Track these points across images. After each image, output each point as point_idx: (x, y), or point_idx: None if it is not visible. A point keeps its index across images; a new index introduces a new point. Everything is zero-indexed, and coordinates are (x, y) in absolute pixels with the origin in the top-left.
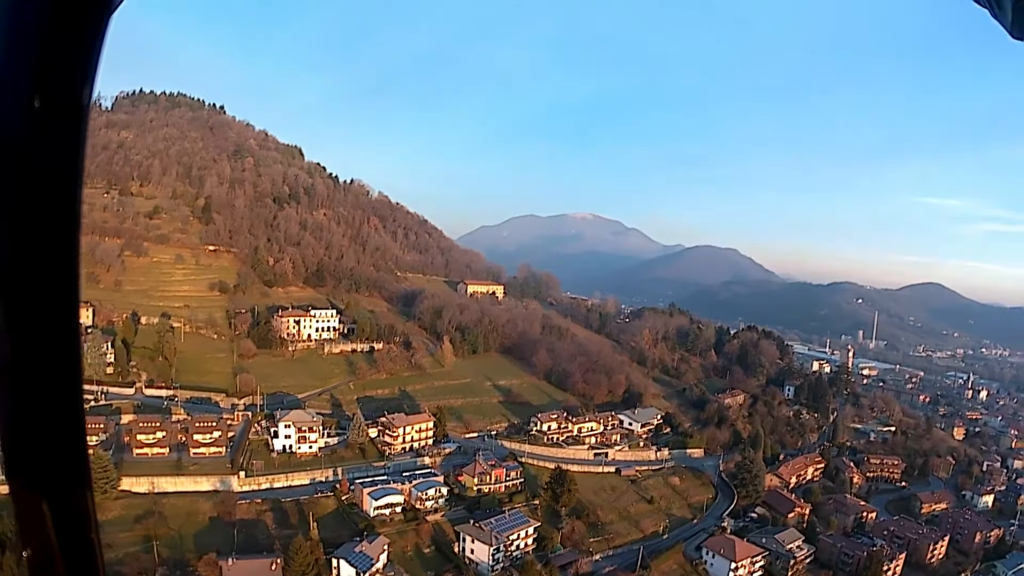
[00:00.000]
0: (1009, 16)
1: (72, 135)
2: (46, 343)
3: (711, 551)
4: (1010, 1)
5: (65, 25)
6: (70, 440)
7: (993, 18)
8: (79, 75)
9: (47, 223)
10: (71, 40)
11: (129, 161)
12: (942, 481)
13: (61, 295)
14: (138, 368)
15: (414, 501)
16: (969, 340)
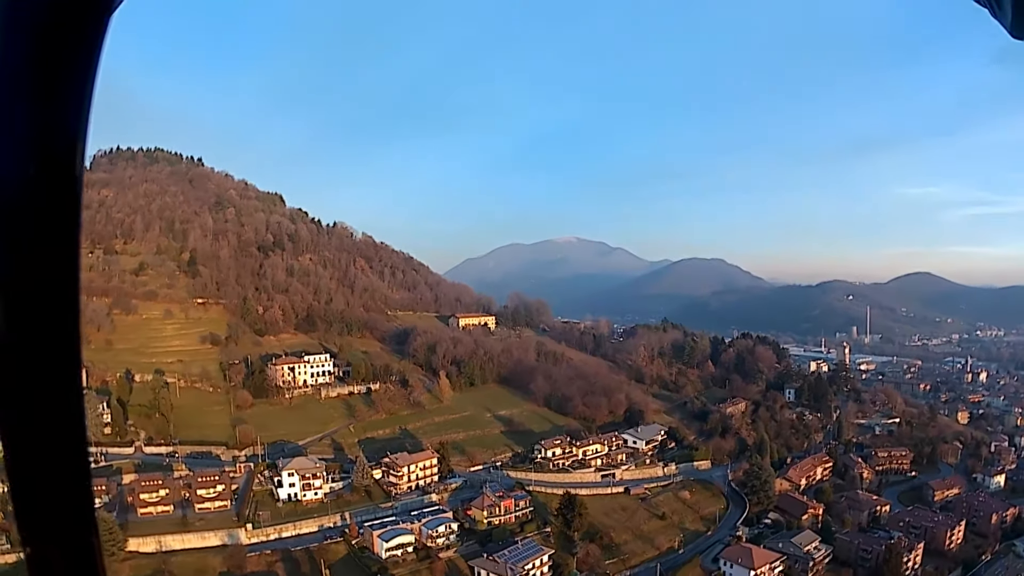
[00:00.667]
0: (1009, 16)
1: (75, 124)
2: (48, 396)
3: (729, 561)
4: (1010, 1)
5: (65, 25)
6: (77, 493)
7: (993, 18)
8: (79, 75)
9: (46, 283)
10: (71, 40)
11: (111, 219)
12: (952, 466)
13: (63, 351)
14: (136, 427)
15: (425, 539)
16: (963, 324)
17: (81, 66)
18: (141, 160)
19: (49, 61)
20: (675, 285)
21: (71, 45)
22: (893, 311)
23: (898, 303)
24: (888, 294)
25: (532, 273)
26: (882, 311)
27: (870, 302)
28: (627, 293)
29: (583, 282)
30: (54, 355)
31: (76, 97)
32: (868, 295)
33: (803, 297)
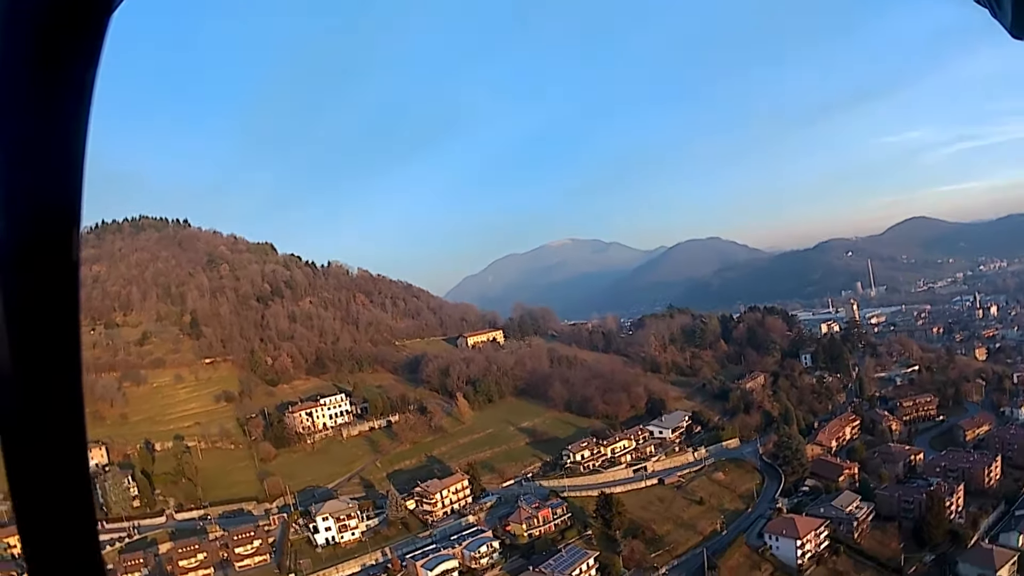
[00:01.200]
0: (1009, 16)
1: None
2: (55, 478)
3: (773, 535)
4: (1010, 1)
5: (65, 25)
6: (77, 492)
7: (993, 18)
8: (79, 76)
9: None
10: (71, 40)
11: (107, 293)
12: (978, 404)
13: (62, 356)
14: (164, 495)
15: (468, 562)
16: (965, 262)
17: (81, 66)
18: (128, 230)
19: (49, 61)
20: (675, 270)
21: (71, 45)
22: (894, 260)
23: (897, 251)
24: (886, 244)
25: (532, 281)
26: (883, 262)
27: (870, 255)
28: (628, 286)
29: (583, 282)
30: (54, 365)
31: (76, 97)
32: (867, 248)
33: (803, 261)
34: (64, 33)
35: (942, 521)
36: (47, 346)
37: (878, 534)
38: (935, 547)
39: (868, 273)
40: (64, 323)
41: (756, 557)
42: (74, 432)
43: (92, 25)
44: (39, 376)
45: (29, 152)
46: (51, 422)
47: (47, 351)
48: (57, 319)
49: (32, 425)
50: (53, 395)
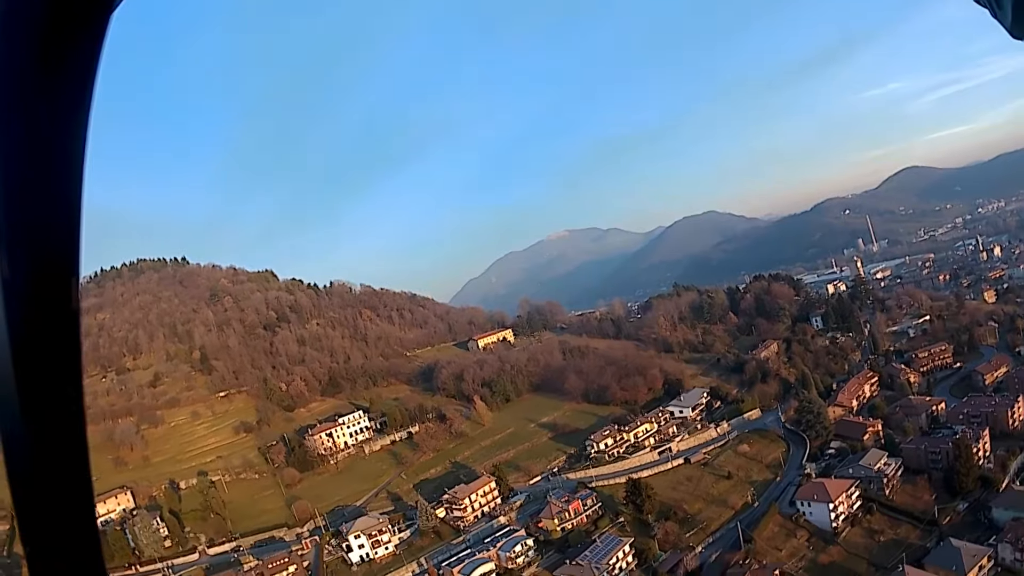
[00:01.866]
0: (1009, 16)
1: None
2: (49, 402)
3: (805, 500)
4: (1010, 1)
5: (65, 24)
6: (77, 491)
7: (993, 18)
8: (79, 76)
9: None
10: (71, 40)
11: (114, 340)
12: (993, 347)
13: (60, 355)
14: (194, 532)
15: (504, 563)
16: (963, 207)
17: (81, 66)
18: (127, 275)
19: (49, 61)
20: (675, 249)
21: (71, 44)
22: (892, 213)
23: (894, 204)
24: (882, 198)
25: (534, 277)
26: (881, 216)
27: (867, 211)
28: (631, 270)
29: (586, 271)
30: (53, 367)
31: (76, 97)
32: (863, 204)
33: (802, 225)
34: (64, 32)
35: (971, 468)
36: (48, 360)
37: (909, 488)
38: (967, 495)
39: (868, 229)
40: (64, 328)
41: (790, 525)
42: (78, 469)
43: (92, 25)
44: (42, 392)
45: (29, 152)
46: (55, 440)
47: (48, 365)
48: (57, 319)
49: (36, 447)
50: (56, 419)
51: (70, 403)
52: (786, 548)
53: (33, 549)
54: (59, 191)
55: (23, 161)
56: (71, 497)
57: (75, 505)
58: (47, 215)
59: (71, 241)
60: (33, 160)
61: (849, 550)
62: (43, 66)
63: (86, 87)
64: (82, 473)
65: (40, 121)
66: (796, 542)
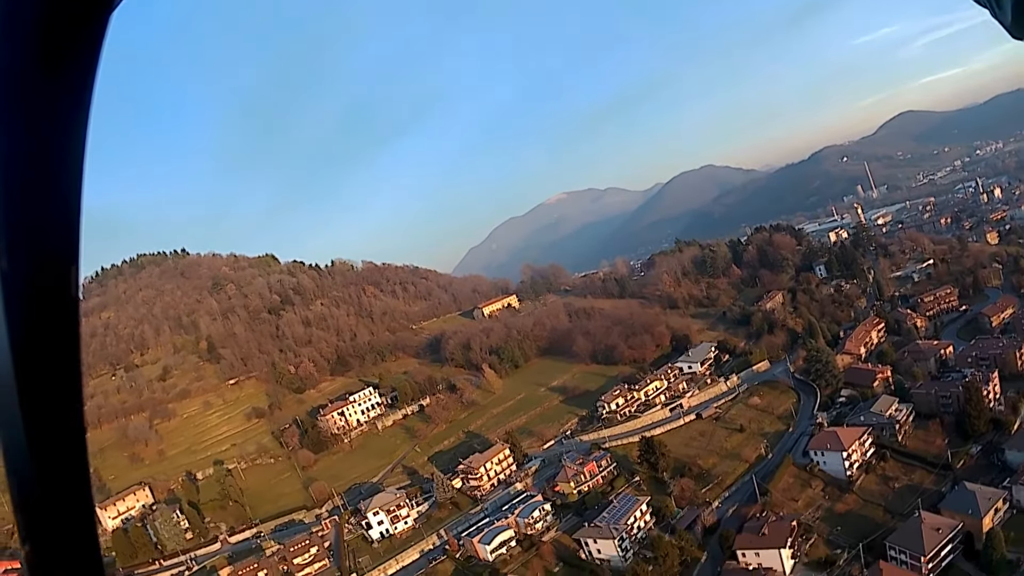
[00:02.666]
0: (1009, 16)
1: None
2: (49, 400)
3: (818, 450)
4: (1010, 1)
5: (65, 23)
6: (76, 490)
7: (993, 18)
8: (79, 76)
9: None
10: (71, 40)
11: (120, 337)
12: (998, 289)
13: (63, 365)
14: (214, 521)
15: (523, 529)
16: (961, 149)
17: (81, 66)
18: (128, 271)
19: (49, 61)
20: (675, 205)
21: (71, 44)
22: (890, 158)
23: (892, 149)
24: (880, 144)
25: (535, 241)
26: (880, 162)
27: (866, 157)
28: (632, 228)
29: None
30: (54, 368)
31: (76, 97)
32: (861, 151)
33: (801, 174)
34: (64, 31)
35: (982, 411)
36: (48, 351)
37: (921, 433)
38: (980, 438)
39: (867, 175)
40: (64, 326)
41: (805, 475)
42: (76, 462)
43: (92, 25)
44: (41, 384)
45: (29, 152)
46: (54, 437)
47: (48, 366)
48: (57, 324)
49: (35, 442)
50: (54, 409)
51: (70, 403)
52: (802, 499)
53: (32, 547)
54: (59, 190)
55: (23, 161)
56: (70, 494)
57: (74, 504)
58: (47, 215)
59: (71, 241)
60: (33, 159)
61: (864, 498)
62: (43, 66)
63: (86, 87)
64: (81, 472)
65: (40, 121)
66: (812, 492)
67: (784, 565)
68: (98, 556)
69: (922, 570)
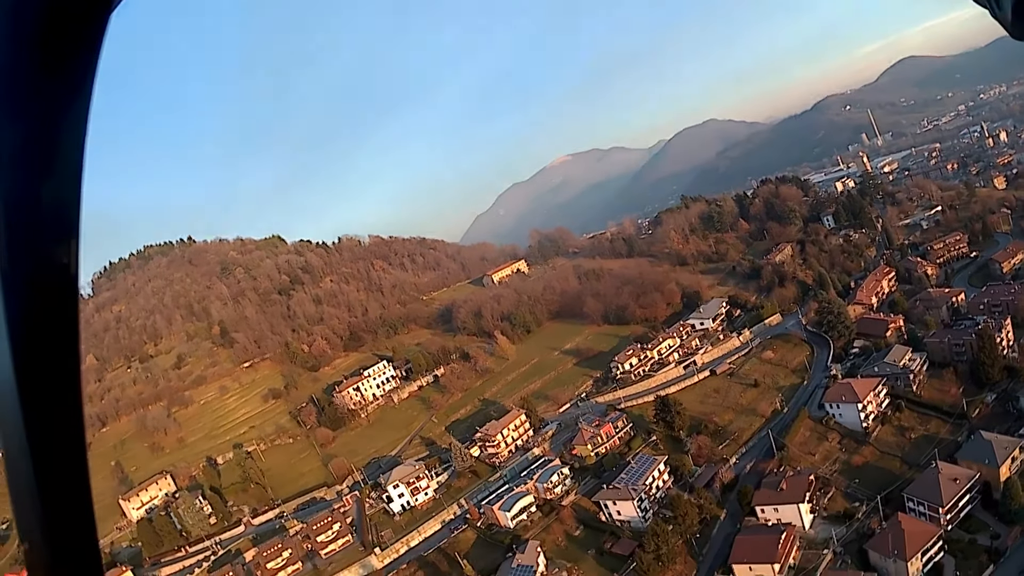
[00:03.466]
0: (1009, 16)
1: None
2: (48, 397)
3: (834, 403)
4: (1010, 1)
5: (65, 23)
6: (75, 488)
7: (993, 18)
8: (79, 76)
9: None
10: (70, 40)
11: (133, 329)
12: (1008, 234)
13: (63, 355)
14: (237, 505)
15: (543, 494)
16: (965, 94)
17: (81, 66)
18: (136, 263)
19: (49, 61)
20: (679, 160)
21: (71, 44)
22: (894, 105)
23: (895, 96)
24: (882, 91)
25: (541, 205)
26: (883, 109)
27: (869, 105)
28: (637, 187)
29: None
30: (54, 368)
31: (76, 97)
32: (864, 99)
33: (804, 124)
34: (64, 31)
35: (996, 359)
36: (48, 351)
37: (936, 382)
38: (994, 386)
39: (871, 123)
40: (63, 326)
41: (821, 428)
42: (74, 444)
43: (92, 25)
44: (40, 382)
45: (28, 152)
46: (52, 429)
47: (48, 355)
48: (57, 324)
49: (33, 430)
50: (54, 400)
51: (69, 401)
52: (819, 452)
53: (32, 546)
54: (59, 190)
55: (23, 160)
56: (70, 492)
57: (74, 503)
58: (47, 215)
59: (70, 240)
60: (33, 159)
61: (881, 449)
62: (43, 66)
63: (86, 86)
64: (81, 470)
65: (40, 120)
66: (828, 445)
67: (803, 519)
68: (97, 555)
69: (940, 521)
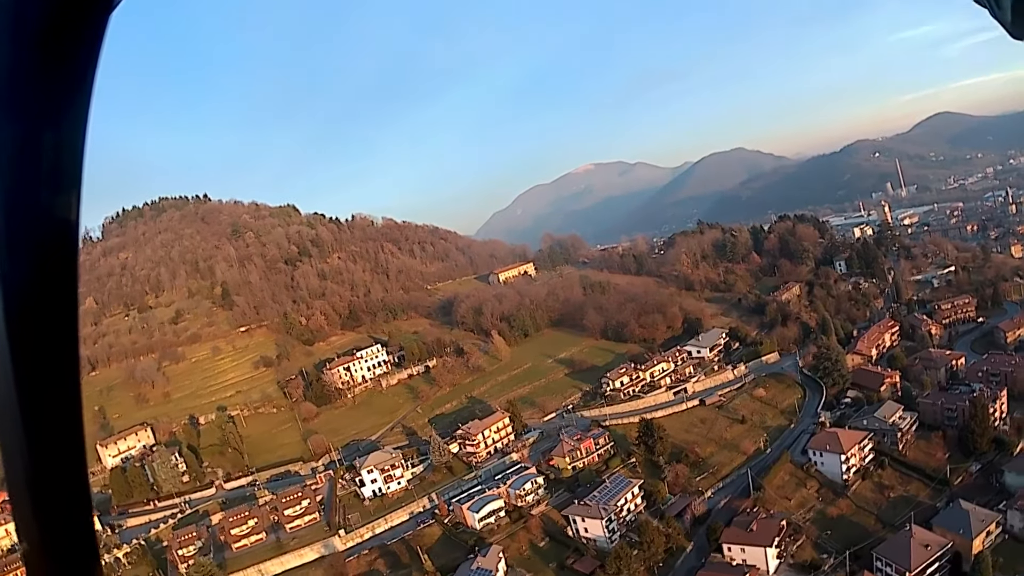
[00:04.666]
0: (1009, 16)
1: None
2: (47, 393)
3: (817, 450)
4: (1010, 1)
5: (65, 23)
6: (74, 487)
7: (993, 18)
8: (79, 75)
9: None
10: (70, 39)
11: (136, 278)
12: (1017, 304)
13: (62, 349)
14: (212, 467)
15: (514, 500)
16: (994, 156)
17: (81, 65)
18: (149, 214)
19: (49, 60)
20: (702, 184)
21: (71, 43)
22: (923, 158)
23: (925, 149)
24: (913, 142)
25: (559, 210)
26: (912, 161)
27: (898, 154)
28: (657, 205)
29: (611, 205)
30: (54, 367)
31: (76, 96)
32: (894, 148)
33: (831, 165)
34: (64, 31)
35: (987, 428)
36: (46, 346)
37: (923, 444)
38: (981, 456)
39: (897, 173)
40: (62, 326)
41: (801, 474)
42: (71, 422)
43: (92, 24)
44: (37, 370)
45: (29, 151)
46: (48, 409)
47: (46, 351)
48: (56, 324)
49: (29, 414)
50: (50, 387)
51: (68, 400)
52: (795, 498)
53: (31, 545)
54: (58, 190)
55: (22, 160)
56: (68, 491)
57: (73, 502)
58: (47, 214)
59: (70, 240)
60: (32, 159)
61: (858, 504)
62: (43, 65)
63: (86, 86)
64: (79, 469)
65: (40, 120)
66: (806, 492)
67: (768, 564)
68: (96, 555)
69: None
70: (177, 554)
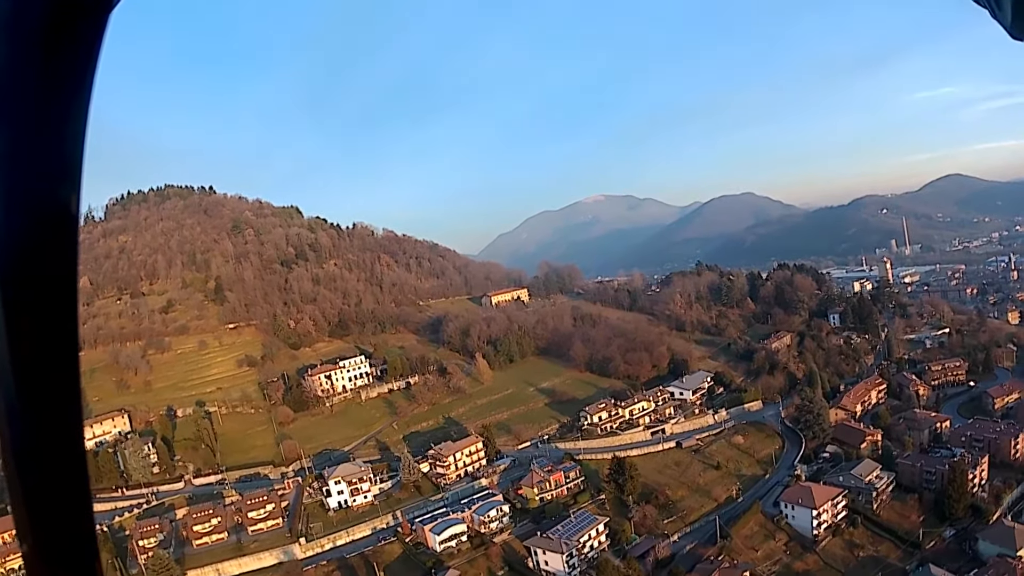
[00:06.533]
0: (1009, 16)
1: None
2: (47, 396)
3: (789, 503)
4: (1010, 1)
5: (64, 23)
6: (74, 486)
7: (993, 18)
8: (79, 74)
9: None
10: (71, 38)
11: (133, 263)
12: (1009, 371)
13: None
14: (183, 461)
15: (477, 526)
16: (1001, 222)
17: (81, 64)
18: (153, 200)
19: (49, 59)
20: (708, 226)
21: (71, 43)
22: (929, 218)
23: (933, 209)
24: (922, 201)
25: (564, 238)
26: (918, 220)
27: (905, 212)
28: (662, 242)
29: (617, 239)
30: (53, 354)
31: (76, 95)
32: (902, 206)
33: (838, 217)
34: (64, 31)
35: (964, 494)
36: (46, 345)
37: (898, 505)
38: (956, 521)
39: (903, 231)
40: (62, 325)
41: (771, 526)
42: (70, 421)
43: (92, 23)
44: (37, 375)
45: (28, 151)
46: (48, 404)
47: (46, 350)
48: (56, 324)
49: (29, 408)
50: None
51: (68, 401)
52: (763, 549)
53: (31, 545)
54: (58, 189)
55: (22, 160)
56: (69, 492)
57: (73, 502)
58: (47, 214)
59: (70, 240)
60: (32, 159)
61: (826, 560)
62: (43, 65)
63: (86, 85)
64: (80, 469)
65: (40, 119)
66: (774, 544)
67: None
68: (96, 555)
69: None
70: (138, 544)
